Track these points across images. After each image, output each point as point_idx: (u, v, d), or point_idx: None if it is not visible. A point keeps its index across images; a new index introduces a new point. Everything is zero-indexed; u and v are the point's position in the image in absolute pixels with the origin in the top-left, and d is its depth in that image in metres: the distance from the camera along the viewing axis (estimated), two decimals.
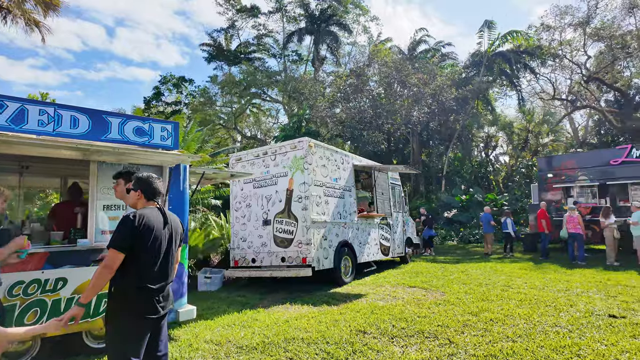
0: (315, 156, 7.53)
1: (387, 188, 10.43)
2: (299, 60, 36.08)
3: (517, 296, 6.33)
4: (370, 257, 9.16)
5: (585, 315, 5.09)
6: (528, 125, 26.71)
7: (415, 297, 6.49)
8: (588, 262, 10.36)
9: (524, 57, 24.07)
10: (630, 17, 22.83)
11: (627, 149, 12.16)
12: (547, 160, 14.82)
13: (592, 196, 12.83)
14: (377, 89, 27.04)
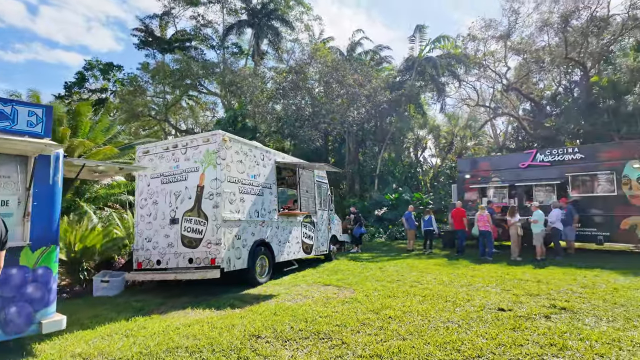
0: (230, 151, 7.17)
1: (313, 186, 10.34)
2: (239, 54, 35.08)
3: (423, 292, 6.52)
4: (291, 256, 9.00)
5: (478, 310, 5.34)
6: (454, 129, 28.46)
7: (326, 296, 6.42)
8: (495, 257, 11.13)
9: (452, 64, 25.52)
10: (543, 34, 25.13)
11: (532, 153, 13.31)
12: (466, 162, 15.78)
13: (503, 196, 13.86)
14: (316, 88, 27.14)
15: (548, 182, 12.54)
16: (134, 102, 29.56)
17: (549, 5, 23.37)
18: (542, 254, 10.47)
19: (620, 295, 6.13)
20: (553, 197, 12.31)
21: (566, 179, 12.12)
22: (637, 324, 4.61)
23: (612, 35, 23.23)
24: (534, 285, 7.03)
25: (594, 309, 5.29)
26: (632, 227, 10.96)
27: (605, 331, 4.34)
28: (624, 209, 11.08)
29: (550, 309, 5.34)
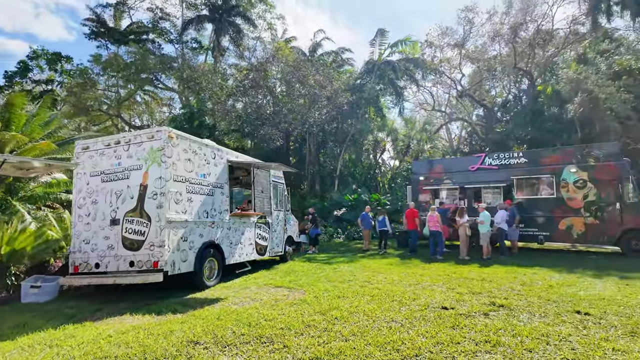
0: (177, 148, 6.86)
1: (268, 186, 10.17)
2: (199, 49, 34.07)
3: (372, 292, 6.58)
4: (243, 258, 8.79)
5: (422, 309, 5.45)
6: (410, 132, 29.30)
7: (275, 298, 6.31)
8: (445, 257, 11.51)
9: (410, 69, 26.23)
10: (495, 44, 26.44)
11: (481, 157, 13.93)
12: (420, 164, 16.25)
13: (455, 198, 14.37)
14: (278, 87, 26.91)
15: (495, 185, 13.17)
16: (84, 95, 27.84)
17: (500, 17, 24.69)
18: (488, 253, 10.96)
19: (554, 291, 6.50)
20: (500, 199, 12.94)
21: (511, 181, 12.79)
22: (566, 318, 4.89)
23: (556, 48, 24.91)
24: (478, 283, 7.31)
25: (529, 306, 5.56)
26: (569, 227, 11.74)
27: (537, 327, 4.56)
28: (562, 211, 11.85)
29: (490, 306, 5.55)
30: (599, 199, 11.28)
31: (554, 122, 22.02)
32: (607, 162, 11.24)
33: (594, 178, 11.35)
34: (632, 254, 10.74)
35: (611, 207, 11.08)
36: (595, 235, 11.34)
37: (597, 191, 11.32)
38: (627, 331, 4.35)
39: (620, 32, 24.78)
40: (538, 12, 23.42)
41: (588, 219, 11.42)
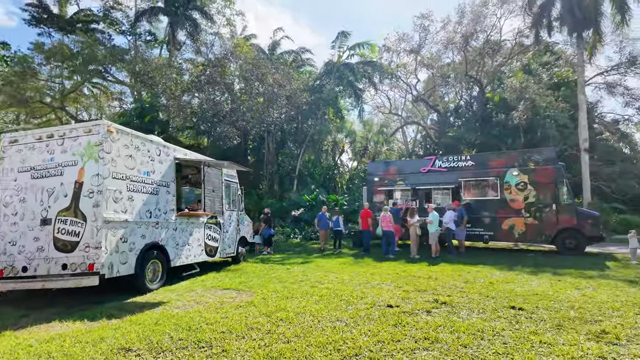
0: (117, 144, 6.45)
1: (220, 185, 9.87)
2: (153, 42, 32.59)
3: (321, 292, 6.56)
4: (191, 259, 8.46)
5: (368, 307, 5.49)
6: (368, 134, 29.87)
7: (221, 301, 6.10)
8: (397, 255, 11.78)
9: (369, 72, 26.72)
10: (448, 51, 27.58)
11: (432, 159, 14.42)
12: (375, 166, 16.55)
13: (407, 199, 14.76)
14: (237, 84, 26.37)
15: (445, 186, 13.68)
16: (23, 85, 25.72)
17: (453, 26, 25.81)
18: (437, 252, 11.36)
19: (494, 288, 6.81)
20: (448, 200, 13.46)
21: (460, 183, 13.34)
22: (501, 314, 5.13)
23: (503, 58, 26.44)
24: (425, 281, 7.52)
25: (470, 302, 5.78)
26: (511, 227, 12.44)
27: (474, 323, 4.73)
28: (505, 211, 12.53)
29: (433, 303, 5.71)
30: (538, 201, 12.05)
31: (501, 127, 23.35)
32: (545, 166, 12.04)
33: (534, 181, 12.12)
34: (566, 252, 11.56)
35: (548, 208, 11.87)
36: (534, 234, 12.09)
37: (536, 193, 12.09)
38: (555, 324, 4.62)
39: (559, 46, 26.81)
40: (487, 23, 24.78)
41: (528, 219, 12.16)
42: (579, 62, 20.55)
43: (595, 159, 22.86)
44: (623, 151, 26.50)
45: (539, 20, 20.65)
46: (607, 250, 12.73)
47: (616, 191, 22.53)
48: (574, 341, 4.03)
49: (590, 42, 20.01)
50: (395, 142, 35.25)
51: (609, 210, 20.87)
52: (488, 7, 24.14)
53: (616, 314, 5.03)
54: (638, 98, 24.00)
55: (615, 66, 23.52)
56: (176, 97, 23.59)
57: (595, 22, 19.26)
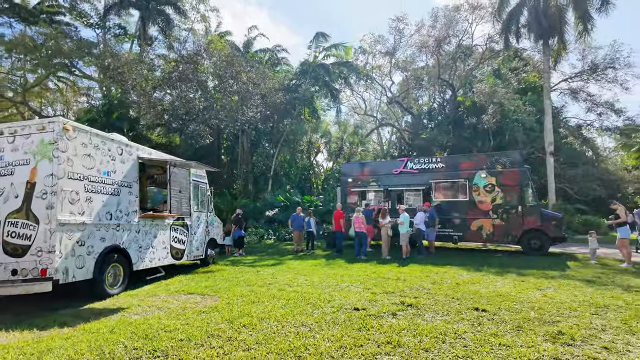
0: (73, 142, 6.12)
1: (188, 186, 9.59)
2: (124, 36, 31.50)
3: (289, 295, 6.45)
4: (155, 263, 8.16)
5: (335, 311, 5.43)
6: (343, 135, 29.98)
7: (184, 306, 5.90)
8: (369, 256, 11.82)
9: (344, 73, 26.80)
10: (422, 55, 28.01)
11: (404, 161, 14.58)
12: (349, 166, 16.58)
13: (380, 200, 14.85)
14: (211, 82, 25.87)
15: (416, 188, 13.85)
16: None
17: (427, 30, 26.23)
18: (407, 252, 11.47)
19: (460, 289, 6.91)
20: (420, 201, 13.64)
21: (430, 185, 13.55)
22: (465, 316, 5.18)
23: (475, 62, 27.13)
24: (393, 283, 7.54)
25: (435, 304, 5.82)
26: (479, 228, 12.73)
27: (437, 325, 4.76)
28: (474, 213, 12.81)
29: (399, 306, 5.71)
30: (505, 202, 12.38)
31: (472, 130, 23.95)
32: (511, 169, 12.39)
33: (501, 183, 12.45)
34: (531, 252, 11.93)
35: (514, 210, 12.22)
36: (501, 235, 12.43)
37: (503, 195, 12.42)
38: (515, 326, 4.71)
39: (528, 53, 27.77)
40: (459, 28, 25.34)
41: (495, 221, 12.47)
42: (545, 69, 21.34)
43: (560, 162, 23.83)
44: (586, 154, 27.76)
45: (507, 26, 21.31)
46: (569, 250, 13.26)
47: (579, 193, 23.55)
48: (532, 343, 4.11)
49: (555, 50, 20.82)
50: (370, 143, 35.56)
51: (572, 211, 21.80)
52: (460, 12, 24.73)
53: (573, 314, 5.19)
54: (599, 104, 25.16)
55: (578, 73, 24.58)
56: (147, 93, 22.88)
57: (560, 31, 20.05)
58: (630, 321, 4.85)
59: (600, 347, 3.99)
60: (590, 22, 19.21)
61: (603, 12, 18.54)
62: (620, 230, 9.91)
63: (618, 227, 10.01)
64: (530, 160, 22.29)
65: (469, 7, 24.44)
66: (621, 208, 10.07)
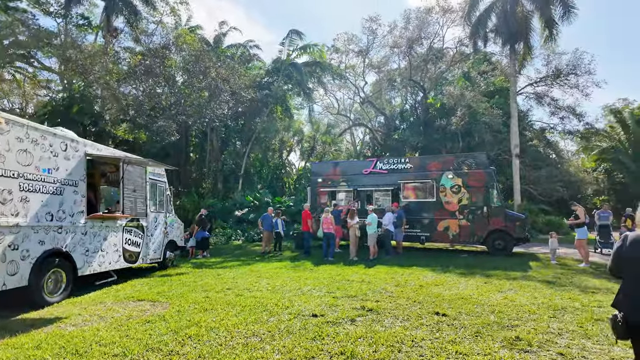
0: (6, 136, 5.54)
1: (144, 185, 9.06)
2: (87, 27, 29.98)
3: (246, 301, 6.12)
4: (105, 267, 7.62)
5: (291, 318, 5.16)
6: (316, 134, 29.77)
7: (129, 315, 5.46)
8: (337, 257, 11.63)
9: (317, 72, 26.57)
10: (395, 56, 28.11)
11: (374, 161, 14.50)
12: (318, 166, 16.35)
13: (350, 200, 14.69)
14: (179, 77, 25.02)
15: (385, 188, 13.79)
16: None
17: (400, 31, 26.35)
18: (375, 253, 11.36)
19: (423, 292, 6.80)
20: (389, 201, 13.59)
21: (399, 185, 13.51)
22: (425, 321, 5.03)
23: (445, 65, 27.53)
24: (357, 285, 7.35)
25: (397, 308, 5.65)
26: (446, 228, 12.80)
27: (396, 332, 4.57)
28: (440, 213, 12.87)
29: (359, 311, 5.51)
30: (471, 203, 12.49)
31: (441, 132, 24.25)
32: (477, 170, 12.51)
33: (467, 184, 12.55)
34: (495, 252, 12.09)
35: (480, 211, 12.35)
36: (467, 235, 12.53)
37: (469, 196, 12.53)
38: (474, 332, 4.58)
39: (496, 57, 28.47)
40: (431, 31, 25.61)
41: (461, 221, 12.57)
42: (511, 73, 21.89)
43: (525, 163, 24.54)
44: (549, 157, 28.76)
45: (476, 31, 21.69)
46: (532, 250, 13.56)
47: (543, 194, 24.33)
48: (489, 350, 3.98)
49: (521, 54, 21.38)
50: (344, 143, 35.51)
51: (536, 211, 22.49)
52: (432, 14, 24.99)
53: (532, 318, 5.14)
54: (562, 108, 26.11)
55: (543, 78, 25.39)
56: (111, 87, 21.82)
57: (526, 36, 20.60)
58: (586, 324, 4.84)
59: (556, 353, 3.91)
60: (554, 28, 19.81)
61: (566, 19, 19.16)
62: (579, 231, 10.16)
63: (577, 228, 10.26)
64: (497, 162, 22.83)
65: (440, 9, 24.76)
66: (580, 209, 10.33)
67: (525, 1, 20.55)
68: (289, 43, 26.63)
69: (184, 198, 21.21)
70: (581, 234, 10.12)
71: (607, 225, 13.01)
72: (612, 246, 11.42)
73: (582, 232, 10.11)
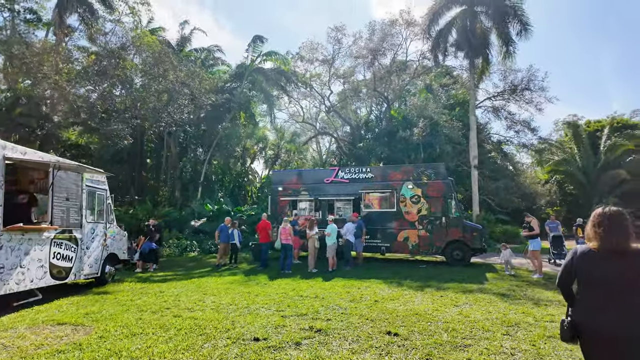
0: None
1: (79, 192, 8.23)
2: (37, 23, 28.11)
3: (183, 323, 5.52)
4: (26, 285, 6.74)
5: (229, 343, 4.65)
6: (280, 141, 29.29)
7: (41, 342, 4.73)
8: (295, 270, 11.15)
9: (282, 79, 26.23)
10: (360, 66, 28.25)
11: (335, 170, 14.23)
12: (279, 174, 15.87)
13: (311, 210, 14.30)
14: (138, 79, 23.83)
15: (346, 198, 13.53)
16: None
17: (364, 42, 26.56)
18: (334, 265, 10.99)
19: (377, 307, 6.47)
20: (350, 211, 13.32)
21: (360, 195, 13.29)
22: (374, 342, 4.68)
23: (409, 77, 28.01)
24: (310, 302, 6.92)
25: (347, 328, 5.28)
26: (406, 239, 12.68)
27: (342, 356, 4.20)
28: (400, 223, 12.75)
29: (307, 332, 5.09)
30: (430, 214, 12.45)
31: (404, 143, 24.49)
32: (436, 181, 12.52)
33: (426, 194, 12.52)
34: (454, 263, 12.06)
35: (438, 221, 12.32)
36: (426, 246, 12.46)
37: (428, 206, 12.49)
38: (425, 354, 4.28)
39: (457, 72, 29.38)
40: (395, 42, 26.00)
41: (421, 232, 12.49)
42: (470, 86, 22.54)
43: (484, 175, 25.24)
44: (507, 169, 29.84)
45: (437, 45, 22.19)
46: (489, 260, 13.69)
47: (500, 205, 25.09)
48: None
49: (480, 69, 22.08)
50: (310, 152, 35.21)
51: (494, 221, 23.07)
52: (395, 27, 25.38)
53: (485, 336, 4.91)
54: (517, 122, 27.21)
55: (500, 92, 26.40)
56: (60, 87, 20.36)
57: (484, 51, 21.32)
58: (539, 342, 4.67)
59: None
60: (511, 45, 20.59)
61: (523, 36, 19.96)
62: (533, 242, 10.28)
63: (530, 239, 10.38)
64: (457, 173, 23.30)
65: (404, 22, 25.19)
66: (534, 220, 10.48)
67: (484, 18, 21.28)
68: (253, 49, 26.15)
69: (137, 207, 20.00)
70: (535, 245, 10.24)
71: (560, 236, 13.28)
72: (565, 256, 11.66)
73: (536, 243, 10.24)
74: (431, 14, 21.97)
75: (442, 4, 21.63)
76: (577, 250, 2.46)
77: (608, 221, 2.35)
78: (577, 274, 2.41)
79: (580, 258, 2.41)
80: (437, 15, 21.87)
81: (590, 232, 2.43)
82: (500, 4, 20.08)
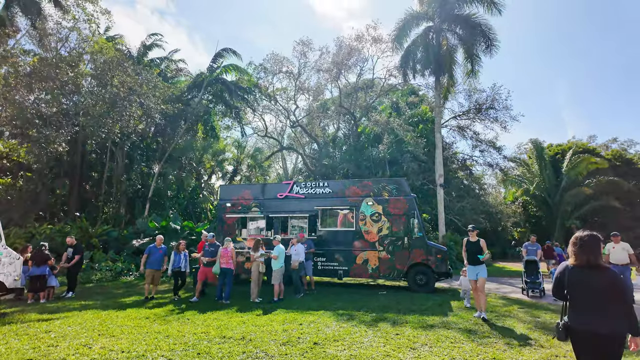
0: None
1: None
2: None
3: None
4: None
5: None
6: (240, 156, 27.71)
7: None
8: (235, 299, 9.54)
9: (244, 93, 24.93)
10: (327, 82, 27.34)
11: (290, 184, 12.85)
12: (227, 189, 14.32)
13: (262, 228, 12.77)
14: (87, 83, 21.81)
15: (301, 215, 12.16)
16: None
17: (331, 57, 25.80)
18: (280, 293, 9.48)
19: (314, 354, 5.06)
20: (305, 229, 11.94)
21: (316, 212, 11.96)
22: None
23: (375, 94, 27.43)
24: (230, 347, 5.40)
25: None
26: (365, 261, 11.37)
27: None
28: (360, 244, 11.46)
29: None
30: (391, 233, 11.25)
31: (370, 160, 23.62)
32: (397, 197, 11.39)
33: (387, 212, 11.35)
34: (417, 289, 10.82)
35: (400, 242, 11.13)
36: (387, 269, 11.19)
37: (389, 225, 11.30)
38: None
39: (423, 91, 29.16)
40: (361, 58, 25.43)
41: (381, 253, 11.24)
42: (436, 104, 22.04)
43: (450, 194, 24.63)
44: (473, 189, 29.49)
45: (406, 61, 21.66)
46: (454, 285, 12.55)
47: (466, 225, 24.40)
48: None
49: (445, 87, 21.69)
50: (275, 168, 33.73)
51: (461, 242, 22.26)
52: (362, 42, 24.84)
53: None
54: (483, 142, 27.04)
55: (465, 112, 26.21)
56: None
57: (450, 69, 20.95)
58: None
59: None
60: (477, 63, 20.32)
61: (488, 53, 19.72)
62: (481, 269, 8.88)
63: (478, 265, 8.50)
64: (422, 191, 22.50)
65: (371, 38, 24.70)
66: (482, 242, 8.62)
67: (450, 35, 21.01)
68: (215, 60, 24.82)
69: (71, 224, 17.72)
70: (482, 272, 7.59)
71: (535, 261, 10.84)
72: (539, 286, 10.51)
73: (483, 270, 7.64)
74: (398, 30, 21.52)
75: (409, 20, 21.25)
76: (566, 265, 3.08)
77: (582, 242, 2.96)
78: (566, 285, 3.01)
79: (568, 272, 3.02)
80: (405, 30, 21.44)
81: (570, 251, 3.04)
82: (467, 21, 19.87)
